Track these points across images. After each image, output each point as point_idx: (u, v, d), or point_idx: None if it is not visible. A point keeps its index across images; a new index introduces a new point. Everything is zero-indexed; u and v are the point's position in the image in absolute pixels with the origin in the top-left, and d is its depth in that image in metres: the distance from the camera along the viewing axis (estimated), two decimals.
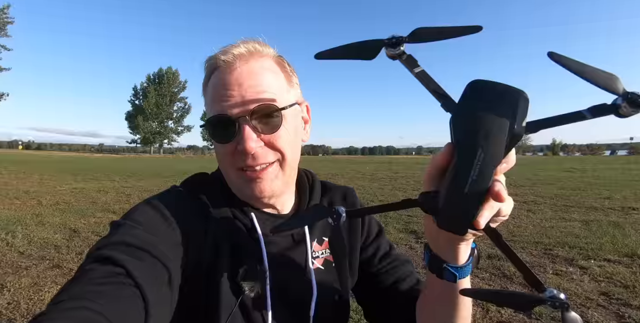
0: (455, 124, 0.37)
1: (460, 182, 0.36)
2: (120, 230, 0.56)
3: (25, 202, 6.75)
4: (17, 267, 3.34)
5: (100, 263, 0.50)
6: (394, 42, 0.41)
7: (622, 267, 3.44)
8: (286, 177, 0.69)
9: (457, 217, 0.38)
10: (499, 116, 0.36)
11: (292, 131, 0.68)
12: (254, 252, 0.67)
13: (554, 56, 0.37)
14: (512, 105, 0.36)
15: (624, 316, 2.51)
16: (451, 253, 0.51)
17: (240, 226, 0.69)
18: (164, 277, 0.54)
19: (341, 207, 0.44)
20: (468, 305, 0.60)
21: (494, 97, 0.36)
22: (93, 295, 0.45)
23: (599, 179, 11.67)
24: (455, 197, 0.37)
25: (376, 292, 0.77)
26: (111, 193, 8.10)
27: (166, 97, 59.85)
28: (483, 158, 0.35)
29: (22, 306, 2.57)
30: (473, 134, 0.36)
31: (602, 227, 5.02)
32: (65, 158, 29.33)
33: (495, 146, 0.35)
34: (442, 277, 0.53)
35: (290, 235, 0.72)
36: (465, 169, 0.36)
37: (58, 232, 4.63)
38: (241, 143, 0.61)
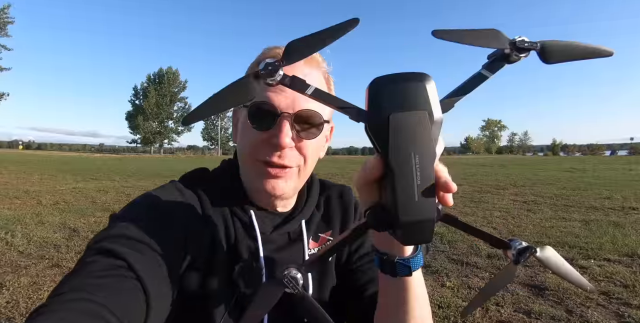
0: (374, 134, 0.35)
1: (408, 195, 0.33)
2: (120, 223, 0.56)
3: (25, 201, 6.75)
4: (17, 266, 3.33)
5: (101, 255, 0.50)
6: (271, 70, 0.37)
7: (622, 267, 3.44)
8: (299, 183, 0.70)
9: (419, 229, 0.35)
10: (415, 109, 0.33)
11: (319, 145, 0.70)
12: (250, 249, 0.68)
13: (438, 34, 0.37)
14: (421, 92, 0.34)
15: (623, 315, 2.50)
16: (398, 246, 0.50)
17: (238, 223, 0.69)
18: (163, 271, 0.54)
19: (292, 269, 0.39)
20: (425, 303, 0.59)
21: (400, 91, 0.34)
22: (94, 288, 0.44)
23: (599, 179, 11.67)
24: (409, 210, 0.33)
25: (345, 290, 0.77)
26: (111, 193, 8.11)
27: (166, 97, 59.83)
28: (419, 160, 0.33)
29: (21, 305, 2.57)
30: (399, 139, 0.33)
31: (602, 227, 5.01)
32: (65, 158, 29.34)
33: (426, 142, 0.33)
34: (396, 273, 0.51)
35: (287, 233, 0.73)
36: (407, 179, 0.33)
37: (58, 232, 4.63)
38: (278, 136, 0.61)
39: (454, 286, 3.04)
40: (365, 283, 0.75)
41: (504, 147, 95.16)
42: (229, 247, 0.67)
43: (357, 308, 0.73)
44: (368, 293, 0.73)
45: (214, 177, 0.74)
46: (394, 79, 0.35)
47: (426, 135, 0.33)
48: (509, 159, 35.81)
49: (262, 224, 0.70)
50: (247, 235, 0.68)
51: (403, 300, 0.56)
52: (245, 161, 0.68)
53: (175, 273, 0.56)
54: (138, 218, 0.58)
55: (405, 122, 0.33)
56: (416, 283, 0.55)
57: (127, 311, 0.45)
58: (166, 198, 0.64)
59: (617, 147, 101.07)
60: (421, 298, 0.57)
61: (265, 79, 0.37)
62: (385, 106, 0.34)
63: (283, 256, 0.70)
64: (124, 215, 0.59)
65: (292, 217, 0.74)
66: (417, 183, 0.33)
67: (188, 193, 0.67)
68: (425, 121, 0.33)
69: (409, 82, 0.34)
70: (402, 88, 0.34)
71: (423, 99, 0.34)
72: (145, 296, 0.48)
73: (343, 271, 0.77)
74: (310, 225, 0.76)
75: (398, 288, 0.55)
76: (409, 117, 0.33)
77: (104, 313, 0.42)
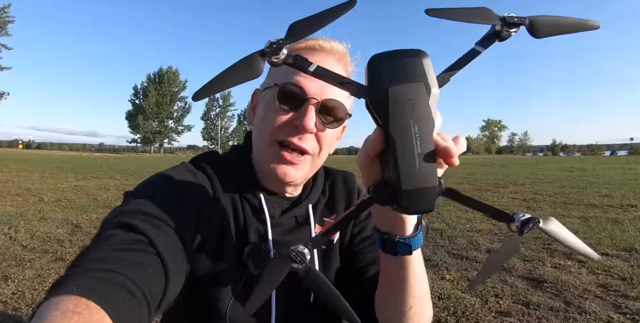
0: (374, 107, 0.36)
1: (409, 163, 0.34)
2: (136, 200, 0.57)
3: (27, 198, 6.77)
4: (21, 259, 3.36)
5: (121, 229, 0.50)
6: (275, 48, 0.38)
7: (620, 261, 3.47)
8: (310, 172, 0.72)
9: (422, 197, 0.36)
10: (412, 82, 0.35)
11: (334, 137, 0.72)
12: (259, 232, 0.69)
13: (431, 12, 0.39)
14: (418, 66, 0.36)
15: (620, 306, 2.54)
16: (399, 226, 0.51)
17: (247, 206, 0.70)
18: (179, 248, 0.55)
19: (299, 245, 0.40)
20: (424, 282, 0.60)
21: (398, 66, 0.36)
22: (115, 260, 0.45)
23: (598, 178, 11.70)
24: (412, 179, 0.35)
25: (347, 272, 0.78)
26: (112, 191, 8.13)
27: (166, 96, 59.84)
28: (419, 128, 0.35)
29: (26, 296, 2.60)
30: (398, 110, 0.35)
31: (600, 223, 5.04)
32: (65, 157, 29.35)
33: (424, 112, 0.35)
34: (397, 252, 0.52)
35: (294, 217, 0.74)
36: (408, 147, 0.35)
37: (60, 227, 4.65)
38: (302, 118, 0.63)
39: (453, 279, 3.07)
40: (366, 265, 0.77)
41: (503, 147, 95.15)
42: (238, 229, 0.68)
43: (358, 289, 0.75)
44: (369, 275, 0.75)
45: (225, 161, 0.75)
46: (391, 55, 0.37)
47: (424, 105, 0.35)
48: (509, 159, 35.84)
49: (271, 208, 0.71)
50: (256, 218, 0.70)
51: (403, 279, 0.57)
52: (262, 143, 0.68)
53: (188, 251, 0.57)
54: (153, 195, 0.59)
55: (404, 94, 0.35)
56: (416, 262, 0.56)
57: (148, 283, 0.45)
58: (179, 178, 0.65)
59: (617, 147, 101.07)
60: (420, 278, 0.58)
61: (270, 56, 0.38)
62: (384, 80, 0.36)
63: (291, 239, 0.71)
64: (139, 192, 0.60)
65: (299, 201, 0.76)
66: (418, 152, 0.34)
67: (199, 175, 0.68)
68: (423, 92, 0.35)
69: (406, 57, 0.36)
70: (399, 62, 0.36)
71: (420, 72, 0.36)
72: (165, 271, 0.49)
73: (345, 253, 0.79)
74: (317, 209, 0.78)
75: (398, 267, 0.56)
76: (407, 89, 0.35)
77: (126, 283, 0.42)
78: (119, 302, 0.40)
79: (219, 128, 68.25)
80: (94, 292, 0.38)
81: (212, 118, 68.62)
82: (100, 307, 0.37)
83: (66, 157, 28.62)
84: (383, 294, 0.64)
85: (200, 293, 0.66)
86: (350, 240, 0.80)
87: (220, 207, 0.67)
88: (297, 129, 0.64)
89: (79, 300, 0.36)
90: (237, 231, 0.68)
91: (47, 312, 0.34)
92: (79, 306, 0.35)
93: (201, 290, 0.66)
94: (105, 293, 0.39)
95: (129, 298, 0.41)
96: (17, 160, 19.70)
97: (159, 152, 66.25)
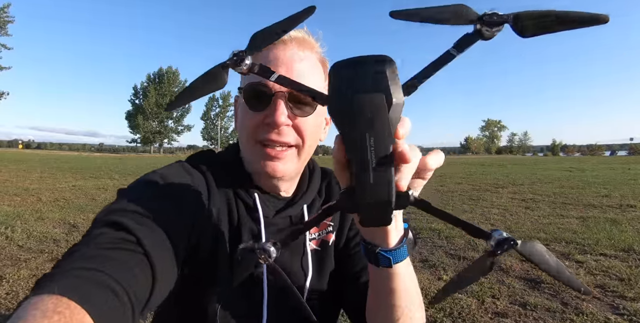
0: (333, 117, 0.35)
1: (362, 176, 0.34)
2: (129, 198, 0.56)
3: (25, 198, 6.77)
4: (16, 259, 3.35)
5: (110, 228, 0.49)
6: (236, 60, 0.39)
7: (618, 261, 3.46)
8: (300, 164, 0.71)
9: (375, 211, 0.35)
10: (371, 92, 0.33)
11: (317, 124, 0.71)
12: (253, 231, 0.69)
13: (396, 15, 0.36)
14: (379, 76, 0.34)
15: (618, 307, 2.52)
16: (380, 236, 0.49)
17: (242, 205, 0.70)
18: (169, 249, 0.54)
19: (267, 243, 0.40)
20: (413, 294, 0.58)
21: (358, 74, 0.34)
22: (102, 259, 0.44)
23: (597, 178, 11.69)
24: (365, 192, 0.34)
25: (342, 276, 0.77)
26: (111, 191, 8.12)
27: (166, 96, 59.78)
28: (375, 141, 0.33)
29: (20, 296, 2.59)
30: (353, 121, 0.33)
31: (599, 224, 5.03)
32: (65, 157, 29.34)
33: (381, 125, 0.33)
34: (378, 264, 0.50)
35: (289, 217, 0.74)
36: (363, 160, 0.34)
37: (57, 227, 4.65)
38: (272, 115, 0.63)
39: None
40: (361, 269, 0.76)
41: (503, 148, 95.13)
42: (232, 228, 0.68)
43: (352, 294, 0.74)
44: (363, 280, 0.74)
45: (220, 159, 0.75)
46: (352, 63, 0.35)
47: (382, 118, 0.33)
48: (509, 159, 35.84)
49: (265, 207, 0.71)
50: (250, 217, 0.69)
51: (388, 289, 0.55)
52: (246, 144, 0.69)
53: (180, 251, 0.56)
54: (146, 194, 0.58)
55: (360, 105, 0.33)
56: (401, 274, 0.54)
57: (133, 283, 0.44)
58: (173, 177, 0.64)
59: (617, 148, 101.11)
60: (405, 290, 0.56)
61: (233, 67, 0.39)
62: (342, 89, 0.34)
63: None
64: (132, 191, 0.59)
65: (294, 201, 0.75)
66: (372, 166, 0.33)
67: (195, 173, 0.68)
68: (382, 103, 0.33)
69: (366, 65, 0.34)
70: (359, 71, 0.34)
71: (381, 81, 0.33)
72: (152, 272, 0.48)
73: (341, 256, 0.79)
74: (312, 210, 0.77)
75: (382, 278, 0.55)
76: (364, 99, 0.33)
77: (110, 283, 0.41)
78: (101, 301, 0.39)
79: (218, 128, 68.24)
80: (76, 292, 0.37)
81: (212, 118, 68.62)
82: (81, 307, 0.36)
83: (66, 157, 28.62)
84: (370, 302, 0.63)
85: (192, 292, 0.65)
86: (346, 243, 0.80)
87: (215, 206, 0.67)
88: (271, 125, 0.64)
89: (59, 299, 0.35)
90: (231, 230, 0.68)
91: (26, 312, 0.33)
92: (60, 305, 0.35)
93: (193, 289, 0.65)
94: (88, 293, 0.38)
95: (112, 299, 0.41)
96: (17, 160, 19.69)
97: (158, 152, 66.28)
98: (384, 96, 0.33)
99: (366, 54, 0.35)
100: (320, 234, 0.77)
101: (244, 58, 0.39)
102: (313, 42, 0.71)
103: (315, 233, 0.76)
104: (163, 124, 62.38)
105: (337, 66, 0.35)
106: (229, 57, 0.39)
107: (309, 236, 0.75)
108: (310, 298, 0.72)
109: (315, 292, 0.73)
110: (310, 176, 0.80)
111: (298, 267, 0.72)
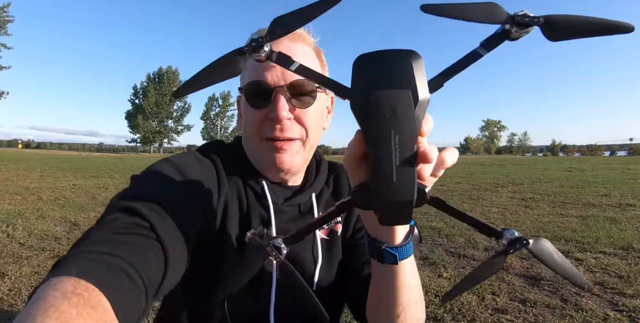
0: (356, 111, 0.34)
1: (386, 175, 0.32)
2: (141, 184, 0.57)
3: (26, 197, 6.77)
4: (18, 257, 3.36)
5: (124, 213, 0.50)
6: (254, 46, 0.36)
7: (617, 259, 3.48)
8: (306, 154, 0.72)
9: (397, 210, 0.34)
10: (397, 88, 0.32)
11: (319, 113, 0.71)
12: (263, 218, 0.69)
13: (428, 9, 0.35)
14: (406, 71, 0.33)
15: (617, 304, 2.54)
16: (387, 232, 0.49)
17: (251, 193, 0.70)
18: (181, 235, 0.54)
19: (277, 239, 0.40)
20: (415, 291, 0.58)
21: (383, 69, 0.33)
22: (116, 243, 0.45)
23: (597, 178, 11.70)
24: (388, 191, 0.32)
25: (346, 268, 0.78)
26: (111, 190, 8.12)
27: (166, 96, 59.79)
28: (399, 139, 0.32)
29: (23, 292, 2.60)
30: (378, 118, 0.32)
31: (598, 222, 5.05)
32: (65, 156, 29.33)
33: (407, 122, 0.32)
34: (383, 260, 0.50)
35: (297, 205, 0.74)
36: (386, 158, 0.32)
37: (58, 225, 4.66)
38: (274, 110, 0.64)
39: (450, 276, 3.07)
40: (364, 262, 0.76)
41: (503, 148, 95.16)
42: (242, 215, 0.69)
43: (354, 287, 0.75)
44: (365, 273, 0.74)
45: (230, 150, 0.76)
46: (378, 56, 0.33)
47: (408, 115, 0.32)
48: (508, 159, 35.85)
49: (274, 195, 0.72)
50: (259, 204, 0.70)
51: (391, 286, 0.56)
52: (250, 140, 0.70)
53: (190, 237, 0.57)
54: (159, 180, 0.59)
55: (387, 100, 0.32)
56: (404, 271, 0.54)
57: (146, 267, 0.45)
58: (185, 165, 0.64)
59: (617, 148, 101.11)
60: (408, 287, 0.56)
61: (251, 54, 0.37)
62: (367, 84, 0.33)
63: (294, 227, 0.71)
64: (145, 177, 0.60)
65: (302, 190, 0.76)
66: (397, 163, 0.32)
67: (205, 162, 0.69)
68: (408, 99, 0.32)
69: (393, 59, 0.33)
70: (386, 65, 0.33)
71: (407, 77, 0.32)
72: (165, 256, 0.49)
73: (347, 246, 0.79)
74: (321, 200, 0.77)
75: (386, 274, 0.55)
76: (390, 96, 0.32)
77: (125, 266, 0.42)
78: (117, 284, 0.40)
79: (218, 128, 68.23)
80: (93, 274, 0.38)
81: (212, 118, 68.62)
82: (98, 289, 0.37)
83: (65, 157, 28.60)
84: (372, 298, 0.64)
85: (200, 280, 0.66)
86: (352, 234, 0.80)
87: (225, 193, 0.68)
88: (274, 120, 0.65)
89: (78, 281, 0.36)
90: (241, 217, 0.69)
91: (46, 293, 0.34)
92: (78, 287, 0.35)
93: (201, 277, 0.66)
94: (104, 276, 0.39)
95: (127, 282, 0.41)
96: (17, 160, 19.68)
97: (158, 152, 66.22)
98: (410, 92, 0.32)
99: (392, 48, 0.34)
100: (329, 224, 0.77)
101: (262, 44, 0.36)
102: (304, 34, 0.71)
103: (325, 224, 0.77)
104: (163, 123, 62.37)
105: (361, 59, 0.34)
106: (246, 43, 0.37)
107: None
108: (319, 288, 0.73)
109: (324, 281, 0.74)
110: (318, 167, 0.81)
111: (309, 255, 0.73)
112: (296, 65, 0.37)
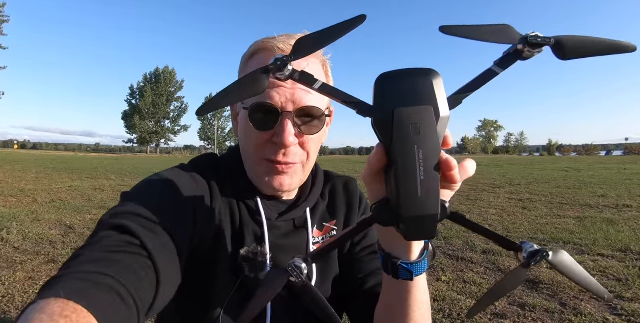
0: (379, 129, 0.35)
1: (411, 190, 0.33)
2: (133, 201, 0.56)
3: (21, 199, 6.71)
4: (12, 261, 3.32)
5: (115, 231, 0.49)
6: (279, 65, 0.37)
7: (615, 261, 3.48)
8: (304, 176, 0.72)
9: (422, 225, 0.35)
10: (420, 104, 0.33)
11: (320, 138, 0.70)
12: (256, 234, 0.68)
13: (446, 30, 0.37)
14: (427, 88, 0.34)
15: (616, 308, 2.53)
16: (403, 248, 0.48)
17: (244, 208, 0.69)
18: (173, 252, 0.54)
19: (297, 259, 0.40)
20: (426, 306, 0.58)
21: (406, 86, 0.34)
22: (108, 262, 0.44)
23: (594, 178, 11.75)
24: (412, 206, 0.33)
25: (347, 281, 0.76)
26: (107, 192, 8.07)
27: (163, 96, 59.58)
28: (423, 154, 0.33)
29: (16, 299, 2.56)
30: (403, 134, 0.33)
31: (596, 224, 5.06)
32: (61, 157, 29.15)
33: (430, 137, 0.33)
34: (398, 276, 0.49)
35: (292, 220, 0.73)
36: (410, 173, 0.33)
37: (53, 228, 4.61)
38: (281, 136, 0.62)
39: (449, 280, 3.06)
40: (367, 275, 0.75)
41: (500, 147, 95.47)
42: (235, 231, 0.67)
43: (357, 300, 0.73)
44: (369, 286, 0.73)
45: (223, 163, 0.74)
46: (400, 74, 0.35)
47: (431, 129, 0.33)
48: (505, 159, 35.96)
49: (268, 210, 0.70)
50: (252, 220, 0.69)
51: (404, 301, 0.55)
52: (251, 159, 0.68)
53: (183, 255, 0.56)
54: (150, 197, 0.58)
55: (410, 117, 0.33)
56: (418, 287, 0.54)
57: (138, 287, 0.44)
58: (177, 180, 0.63)
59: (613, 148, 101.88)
60: (420, 302, 0.55)
61: (275, 73, 0.37)
62: (390, 101, 0.34)
63: (288, 243, 0.70)
64: (136, 193, 0.59)
65: (296, 204, 0.75)
66: (421, 179, 0.33)
67: (197, 177, 0.68)
68: (431, 116, 0.33)
69: (415, 77, 0.34)
70: (408, 83, 0.34)
71: (428, 94, 0.34)
72: (157, 275, 0.48)
73: (345, 261, 0.78)
74: (315, 213, 0.76)
75: (399, 290, 0.54)
76: (413, 112, 0.33)
77: (116, 286, 0.41)
78: (107, 305, 0.39)
79: (215, 128, 68.07)
80: (83, 295, 0.37)
81: (209, 118, 68.40)
82: (88, 311, 0.36)
83: (62, 158, 28.44)
84: (381, 313, 0.62)
85: (194, 298, 0.65)
86: (351, 248, 0.78)
87: (217, 209, 0.66)
88: (278, 145, 0.63)
89: (66, 303, 0.35)
90: (234, 233, 0.67)
91: (33, 316, 0.33)
92: (67, 309, 0.35)
93: (196, 292, 0.64)
94: (94, 297, 0.38)
95: (118, 302, 0.41)
96: (12, 161, 19.54)
97: (155, 152, 65.97)
98: (432, 108, 0.33)
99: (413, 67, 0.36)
100: (324, 238, 0.76)
101: (287, 64, 0.37)
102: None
103: (319, 237, 0.75)
104: (160, 124, 62.13)
105: (383, 77, 0.35)
106: (271, 62, 0.38)
107: (313, 240, 0.74)
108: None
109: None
110: (314, 180, 0.79)
111: None
112: (319, 83, 0.38)
